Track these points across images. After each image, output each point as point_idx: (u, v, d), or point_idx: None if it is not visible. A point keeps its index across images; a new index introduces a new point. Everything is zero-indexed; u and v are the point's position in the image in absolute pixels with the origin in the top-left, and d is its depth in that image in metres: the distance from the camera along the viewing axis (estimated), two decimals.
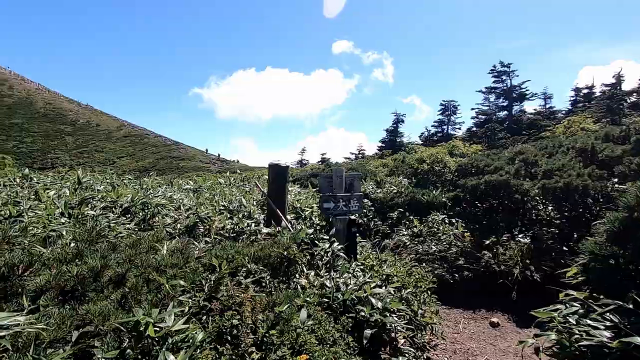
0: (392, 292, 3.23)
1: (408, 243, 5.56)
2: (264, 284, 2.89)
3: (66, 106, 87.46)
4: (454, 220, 5.97)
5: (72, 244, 2.84)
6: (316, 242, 3.67)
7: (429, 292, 3.65)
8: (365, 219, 6.92)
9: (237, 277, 2.75)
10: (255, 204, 4.90)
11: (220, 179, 6.55)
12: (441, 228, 5.73)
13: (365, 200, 7.36)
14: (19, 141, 67.52)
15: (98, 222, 3.49)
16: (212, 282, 2.57)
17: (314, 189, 6.16)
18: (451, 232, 5.55)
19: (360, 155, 40.93)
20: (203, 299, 2.43)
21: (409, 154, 12.06)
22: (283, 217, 4.05)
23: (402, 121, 41.90)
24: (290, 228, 3.97)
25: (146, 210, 4.05)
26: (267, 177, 4.35)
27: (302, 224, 4.40)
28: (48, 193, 4.17)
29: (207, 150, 60.73)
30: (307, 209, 4.64)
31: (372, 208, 7.11)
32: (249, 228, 3.63)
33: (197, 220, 3.85)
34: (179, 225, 3.90)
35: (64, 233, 2.98)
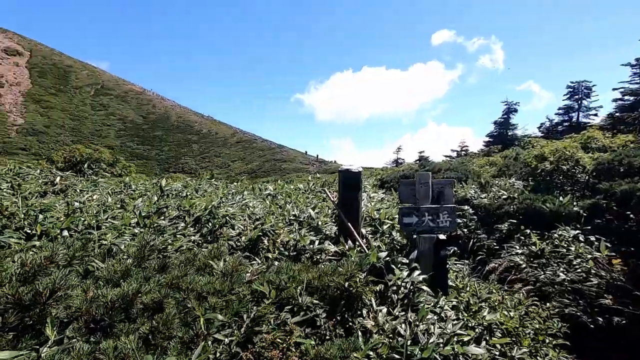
0: (498, 349, 2.31)
1: (523, 266, 4.32)
2: (318, 324, 2.32)
3: (193, 118, 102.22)
4: (592, 238, 4.44)
5: (129, 260, 2.74)
6: (392, 266, 2.94)
7: (557, 349, 2.57)
8: (465, 230, 5.79)
9: (284, 313, 2.24)
10: (330, 213, 4.39)
11: (300, 184, 6.27)
12: (573, 248, 4.30)
13: (466, 207, 6.19)
14: (159, 150, 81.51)
15: (159, 233, 3.42)
16: (250, 319, 2.12)
17: None
18: (589, 255, 4.10)
19: (462, 152, 36.91)
20: (236, 342, 1.98)
21: (524, 149, 9.91)
22: (354, 232, 3.43)
23: (515, 111, 36.35)
24: (363, 246, 3.32)
25: (214, 221, 3.90)
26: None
27: (379, 240, 3.69)
28: (134, 202, 4.38)
29: (306, 152, 63.58)
30: (388, 221, 3.91)
31: (475, 217, 5.91)
32: (311, 246, 3.11)
33: (260, 233, 3.51)
34: (243, 238, 3.62)
35: (122, 247, 2.93)
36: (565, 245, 4.45)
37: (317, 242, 3.18)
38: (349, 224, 3.48)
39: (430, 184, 3.28)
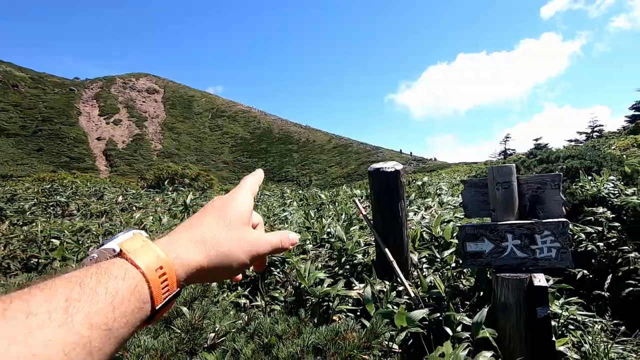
0: None
1: None
2: None
3: (292, 129, 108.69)
4: None
5: None
6: (446, 329, 1.72)
7: None
8: (600, 244, 3.94)
9: None
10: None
11: (357, 190, 5.19)
12: None
13: (601, 210, 4.26)
14: (265, 161, 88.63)
15: None
16: None
17: None
18: None
19: (595, 133, 29.23)
20: None
21: None
22: (395, 264, 2.27)
23: None
24: (407, 285, 2.15)
25: None
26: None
27: (439, 273, 2.43)
28: (161, 221, 3.99)
29: (401, 150, 61.08)
30: (456, 241, 2.61)
31: (616, 225, 3.98)
32: (318, 288, 2.08)
33: (266, 263, 2.63)
34: (251, 268, 2.79)
35: None
36: None
37: (326, 283, 2.13)
38: (387, 250, 2.34)
39: (514, 183, 1.92)
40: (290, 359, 1.50)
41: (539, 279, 1.66)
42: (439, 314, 1.74)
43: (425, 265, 2.48)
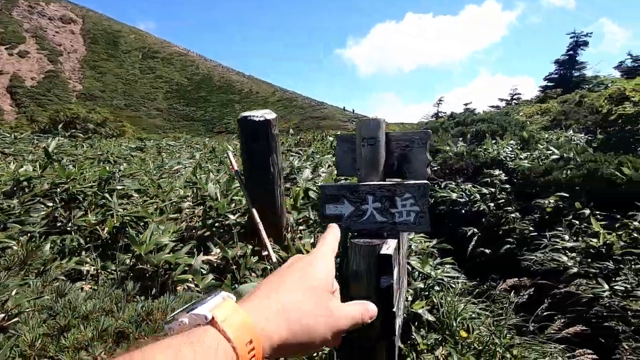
0: None
1: (574, 271, 2.68)
2: None
3: (234, 78, 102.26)
4: None
5: None
6: None
7: None
8: (491, 204, 4.14)
9: None
10: None
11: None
12: None
13: (497, 172, 4.45)
14: (204, 110, 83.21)
15: None
16: None
17: None
18: None
19: (513, 101, 31.72)
20: None
21: (594, 91, 7.35)
22: (260, 225, 2.03)
23: (585, 44, 30.09)
24: (270, 250, 1.93)
25: (87, 201, 2.71)
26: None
27: (314, 235, 2.26)
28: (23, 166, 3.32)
29: (344, 108, 61.12)
30: None
31: (507, 187, 4.19)
32: (157, 255, 1.77)
33: (118, 223, 2.24)
34: (106, 229, 2.39)
35: None
36: None
37: (168, 248, 1.82)
38: (254, 210, 2.08)
39: (381, 140, 1.72)
40: (78, 347, 1.21)
41: (389, 246, 1.52)
42: None
43: (302, 227, 2.29)
